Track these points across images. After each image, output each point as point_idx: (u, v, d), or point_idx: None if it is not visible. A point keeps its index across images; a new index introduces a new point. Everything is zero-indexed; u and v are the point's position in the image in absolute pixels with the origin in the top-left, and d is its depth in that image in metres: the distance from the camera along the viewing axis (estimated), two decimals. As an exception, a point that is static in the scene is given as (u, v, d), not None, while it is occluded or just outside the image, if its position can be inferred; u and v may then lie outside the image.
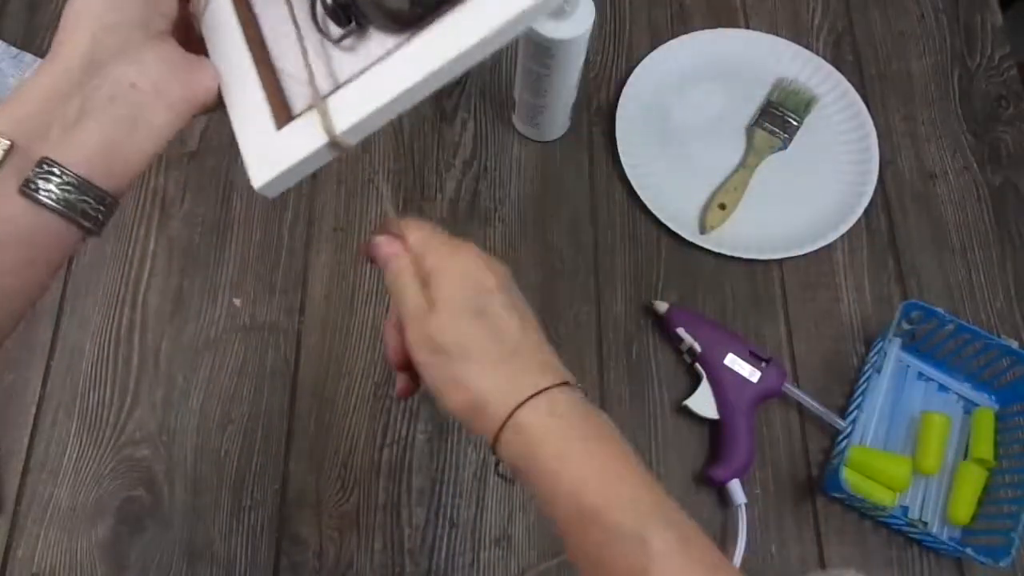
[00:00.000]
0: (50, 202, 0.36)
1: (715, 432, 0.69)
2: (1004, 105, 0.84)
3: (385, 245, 0.44)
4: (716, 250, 0.75)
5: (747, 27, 0.87)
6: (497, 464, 0.42)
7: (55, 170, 0.36)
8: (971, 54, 0.87)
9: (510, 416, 0.39)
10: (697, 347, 0.69)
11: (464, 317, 0.40)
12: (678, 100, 0.83)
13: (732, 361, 0.68)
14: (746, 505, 0.65)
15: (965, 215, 0.79)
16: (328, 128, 0.38)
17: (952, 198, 0.80)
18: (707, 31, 0.85)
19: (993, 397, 0.71)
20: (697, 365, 0.70)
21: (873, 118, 0.82)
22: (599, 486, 0.37)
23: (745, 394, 0.68)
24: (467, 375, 0.40)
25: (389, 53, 0.38)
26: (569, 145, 0.80)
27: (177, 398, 0.69)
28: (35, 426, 0.67)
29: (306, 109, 0.40)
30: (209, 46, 0.43)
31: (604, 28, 0.86)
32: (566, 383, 0.40)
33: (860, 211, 0.77)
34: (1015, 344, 0.67)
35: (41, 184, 0.36)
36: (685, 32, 0.85)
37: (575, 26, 0.66)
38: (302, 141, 0.39)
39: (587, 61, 0.72)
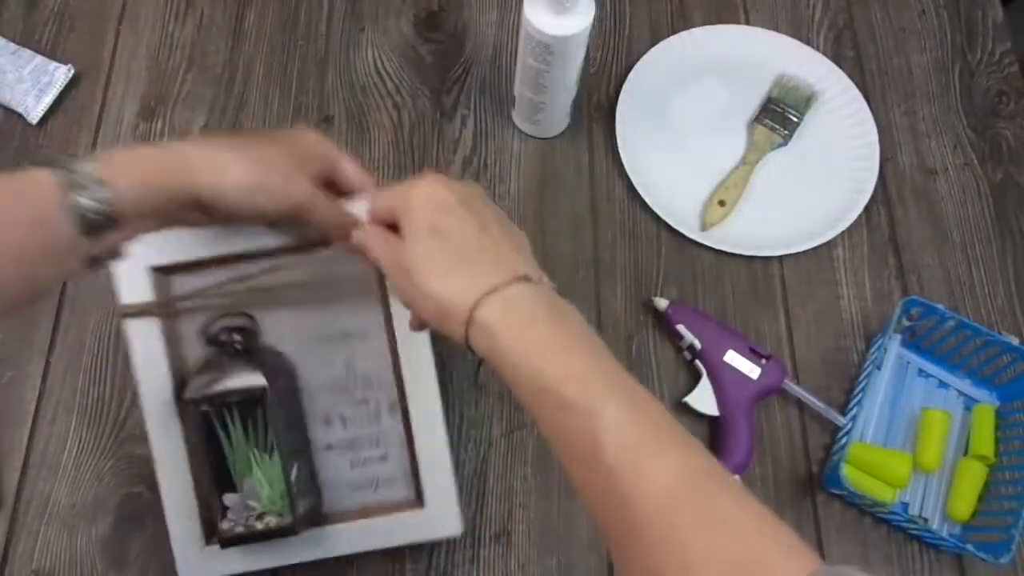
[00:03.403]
0: None
1: (715, 429, 0.68)
2: (1005, 101, 0.84)
3: (355, 238, 0.48)
4: (716, 247, 0.75)
5: (747, 23, 0.87)
6: (478, 367, 0.49)
7: None
8: (972, 50, 0.87)
9: (470, 315, 0.42)
10: (697, 344, 0.69)
11: (421, 237, 0.44)
12: (678, 96, 0.83)
13: (732, 358, 0.68)
14: (746, 502, 0.65)
15: (965, 211, 0.79)
16: None
17: (953, 194, 0.80)
18: (707, 27, 0.85)
19: (993, 393, 0.71)
20: (697, 362, 0.69)
21: (873, 114, 0.81)
22: (550, 366, 0.40)
23: (745, 391, 0.67)
24: (428, 286, 0.44)
25: None
26: (569, 142, 0.80)
27: (177, 395, 0.69)
28: (35, 423, 0.67)
29: None
30: None
31: (604, 24, 0.86)
32: (524, 277, 0.43)
33: (860, 207, 0.77)
34: (1015, 340, 0.67)
35: None
36: (685, 28, 0.85)
37: (575, 22, 0.66)
38: None
39: (587, 57, 0.72)
